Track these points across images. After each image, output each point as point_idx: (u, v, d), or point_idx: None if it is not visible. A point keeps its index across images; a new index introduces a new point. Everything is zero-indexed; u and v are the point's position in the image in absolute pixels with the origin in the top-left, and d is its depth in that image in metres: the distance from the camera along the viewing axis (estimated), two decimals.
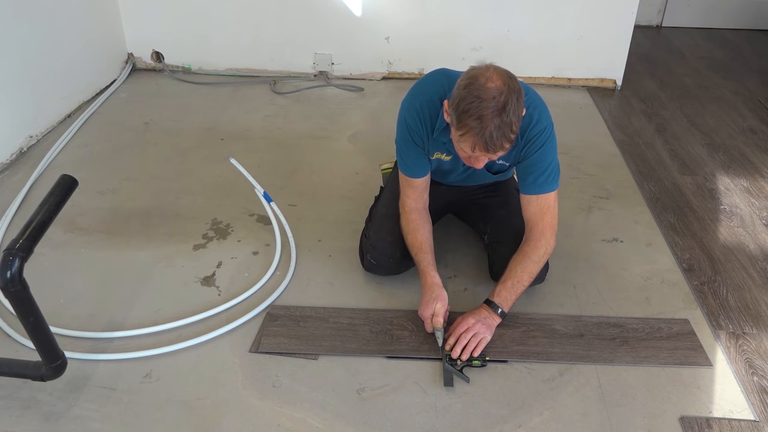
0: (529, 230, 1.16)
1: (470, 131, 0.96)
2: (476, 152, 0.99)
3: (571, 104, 2.26)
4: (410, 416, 0.99)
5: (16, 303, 0.87)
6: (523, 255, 1.14)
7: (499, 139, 0.95)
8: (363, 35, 2.34)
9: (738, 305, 1.28)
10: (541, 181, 1.13)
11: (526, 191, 1.15)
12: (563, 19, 2.29)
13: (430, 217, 1.24)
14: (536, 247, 1.14)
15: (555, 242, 1.18)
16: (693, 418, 0.99)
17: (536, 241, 1.14)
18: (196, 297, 1.25)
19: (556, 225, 1.16)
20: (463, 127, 0.97)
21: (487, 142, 0.95)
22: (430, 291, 1.13)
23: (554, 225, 1.16)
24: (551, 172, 1.13)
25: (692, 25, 3.26)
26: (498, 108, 0.94)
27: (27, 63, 1.82)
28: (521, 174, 1.16)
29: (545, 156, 1.12)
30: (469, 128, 0.96)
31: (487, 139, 0.95)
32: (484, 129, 0.94)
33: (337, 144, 1.93)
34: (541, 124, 1.11)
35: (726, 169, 1.84)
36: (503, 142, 0.96)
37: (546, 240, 1.14)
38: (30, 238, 0.85)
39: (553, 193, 1.15)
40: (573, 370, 1.08)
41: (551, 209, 1.15)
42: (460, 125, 0.97)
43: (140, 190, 1.64)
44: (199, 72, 2.43)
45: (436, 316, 1.11)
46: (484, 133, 0.95)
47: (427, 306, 1.12)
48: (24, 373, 0.97)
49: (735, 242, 1.49)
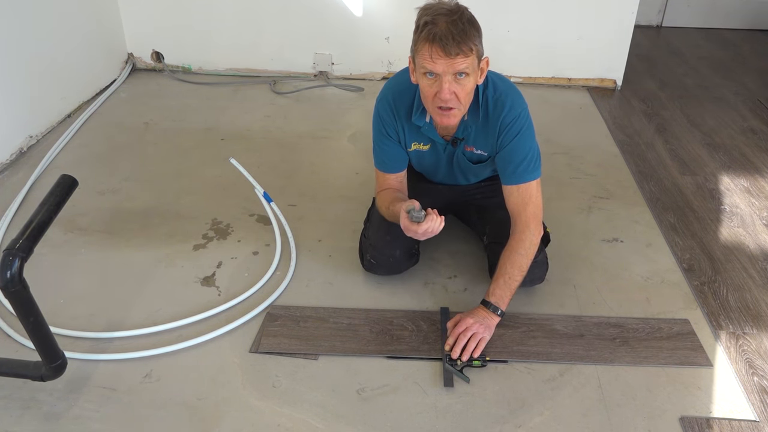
0: (514, 223, 1.15)
1: (424, 36, 0.97)
2: (435, 60, 0.97)
3: (571, 104, 2.25)
4: (410, 416, 0.99)
5: (16, 303, 0.86)
6: (510, 250, 1.13)
7: (455, 38, 0.95)
8: (363, 35, 2.34)
9: (738, 305, 1.28)
10: (521, 170, 1.12)
11: (507, 182, 1.14)
12: (563, 20, 2.29)
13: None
14: (521, 240, 1.12)
15: (548, 235, 1.16)
16: (693, 419, 0.99)
17: (521, 233, 1.13)
18: (196, 297, 1.24)
19: (540, 215, 1.15)
20: (419, 39, 0.98)
21: (442, 40, 0.95)
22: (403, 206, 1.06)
23: (538, 215, 1.14)
24: (531, 160, 1.12)
25: (692, 25, 3.26)
26: (450, 10, 0.97)
27: (27, 63, 1.81)
28: (500, 164, 1.15)
29: (522, 143, 1.11)
30: (423, 33, 0.97)
31: (441, 37, 0.95)
32: (436, 28, 0.96)
33: (337, 144, 1.93)
34: (515, 110, 1.10)
35: (726, 169, 1.84)
36: (459, 43, 0.95)
37: (530, 231, 1.13)
38: (30, 238, 0.84)
39: (535, 181, 1.13)
40: (573, 370, 1.08)
41: (533, 198, 1.13)
42: (416, 39, 0.99)
43: (140, 190, 1.64)
44: (199, 72, 2.43)
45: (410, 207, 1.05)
46: (437, 33, 0.95)
47: (403, 217, 1.05)
48: (24, 373, 0.97)
49: (735, 242, 1.49)
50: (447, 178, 1.30)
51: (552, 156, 1.85)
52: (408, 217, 1.05)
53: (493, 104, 1.10)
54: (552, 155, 1.85)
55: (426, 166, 1.25)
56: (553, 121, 2.06)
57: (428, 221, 1.04)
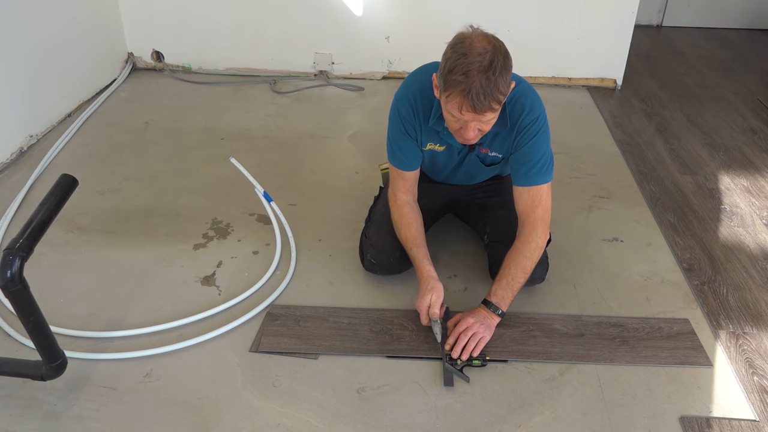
0: (521, 224, 1.15)
1: (456, 88, 0.94)
2: (464, 113, 0.96)
3: (572, 104, 2.25)
4: (410, 416, 0.99)
5: (16, 302, 0.86)
6: (515, 251, 1.13)
7: (487, 97, 0.93)
8: (363, 34, 2.34)
9: (738, 305, 1.28)
10: (534, 172, 1.12)
11: (518, 183, 1.14)
12: (564, 19, 2.28)
13: (431, 217, 1.24)
14: (527, 242, 1.12)
15: (549, 235, 1.16)
16: (693, 418, 0.99)
17: (527, 236, 1.13)
18: (197, 296, 1.24)
19: (548, 218, 1.14)
20: (450, 86, 0.95)
21: (474, 99, 0.93)
22: (425, 283, 1.13)
23: (546, 218, 1.14)
24: (544, 163, 1.12)
25: (693, 24, 3.26)
26: (484, 65, 0.93)
27: (27, 62, 1.81)
28: (514, 165, 1.15)
29: (538, 146, 1.11)
30: (455, 85, 0.94)
31: (473, 95, 0.93)
32: (470, 85, 0.93)
33: (338, 144, 1.93)
34: (533, 113, 1.10)
35: (726, 168, 1.84)
36: (491, 101, 0.94)
37: (537, 235, 1.12)
38: (30, 237, 0.84)
39: (546, 185, 1.13)
40: (573, 369, 1.08)
41: (543, 202, 1.13)
42: (446, 85, 0.96)
43: (140, 189, 1.64)
44: (199, 71, 2.43)
45: (431, 308, 1.10)
46: (470, 90, 0.93)
47: (423, 298, 1.12)
48: (24, 373, 0.97)
49: (735, 242, 1.49)
50: (452, 177, 1.29)
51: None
52: (427, 320, 1.13)
53: (511, 106, 1.10)
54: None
55: (437, 164, 1.25)
56: (553, 120, 2.00)
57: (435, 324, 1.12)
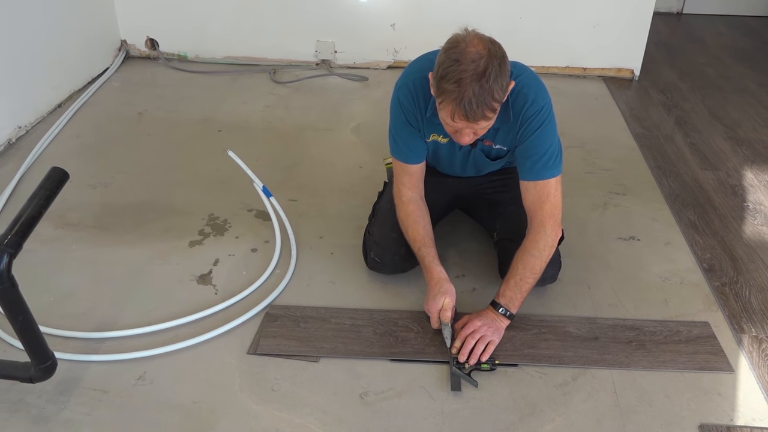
0: (529, 222, 1.12)
1: (448, 96, 0.93)
2: (456, 121, 0.95)
3: (587, 95, 2.24)
4: (415, 422, 0.97)
5: (4, 301, 0.85)
6: (523, 250, 1.10)
7: (480, 106, 0.92)
8: (367, 22, 2.33)
9: (761, 307, 1.25)
10: (540, 165, 1.09)
11: (524, 177, 1.11)
12: (578, 6, 2.26)
13: (438, 213, 1.23)
14: (535, 241, 1.09)
15: (561, 233, 1.14)
16: (713, 426, 0.97)
17: (535, 233, 1.10)
18: (192, 296, 1.23)
19: (557, 215, 1.12)
20: (442, 93, 0.94)
21: (466, 108, 0.92)
22: (437, 285, 1.10)
23: (555, 215, 1.11)
24: (551, 157, 1.09)
25: (714, 11, 3.22)
26: (477, 72, 0.91)
27: (15, 50, 1.81)
28: (519, 159, 1.12)
29: (543, 138, 1.08)
30: (447, 93, 0.93)
31: (465, 105, 0.91)
32: (462, 94, 0.91)
33: (340, 136, 1.92)
34: (537, 104, 1.07)
35: (750, 163, 1.82)
36: (484, 109, 0.93)
37: (545, 232, 1.09)
38: (19, 233, 0.83)
39: (554, 179, 1.10)
40: (587, 374, 1.06)
41: (551, 197, 1.10)
42: (438, 91, 0.95)
43: (134, 183, 1.62)
44: (195, 60, 2.42)
45: (443, 311, 1.08)
46: (462, 99, 0.91)
47: (434, 301, 1.09)
48: (12, 375, 0.95)
49: (758, 241, 1.47)
50: (459, 170, 1.27)
51: (565, 150, 1.79)
52: (437, 324, 1.11)
53: (514, 97, 1.08)
54: (565, 149, 1.80)
55: (440, 157, 1.23)
56: (567, 112, 2.03)
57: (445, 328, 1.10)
